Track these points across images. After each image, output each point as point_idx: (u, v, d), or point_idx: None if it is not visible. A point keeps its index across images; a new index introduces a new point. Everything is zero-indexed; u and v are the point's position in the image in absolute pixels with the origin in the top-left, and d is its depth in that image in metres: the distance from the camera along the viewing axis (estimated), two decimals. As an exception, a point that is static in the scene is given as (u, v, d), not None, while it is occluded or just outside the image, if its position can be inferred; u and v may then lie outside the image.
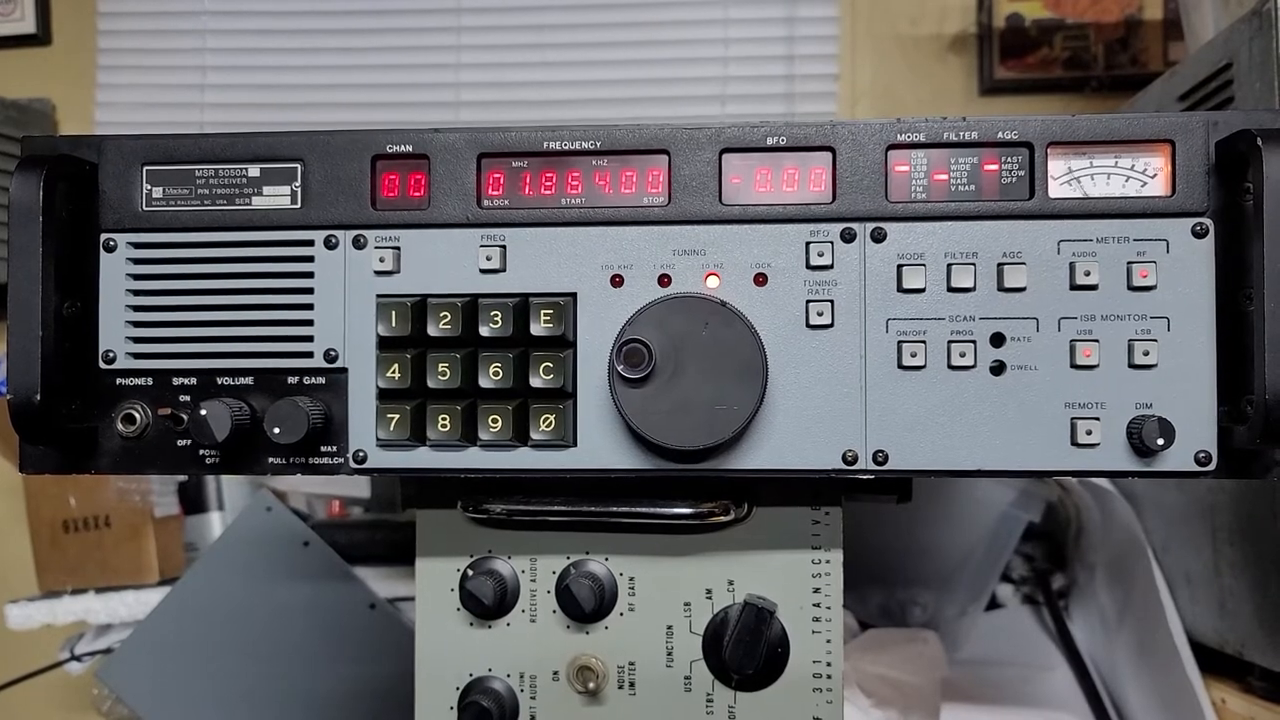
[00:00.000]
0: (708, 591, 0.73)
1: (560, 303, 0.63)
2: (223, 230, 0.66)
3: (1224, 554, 1.06)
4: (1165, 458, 0.60)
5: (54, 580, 1.42)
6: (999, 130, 0.62)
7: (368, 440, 0.64)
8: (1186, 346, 0.61)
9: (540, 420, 0.63)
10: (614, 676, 0.73)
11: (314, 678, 1.22)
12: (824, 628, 0.72)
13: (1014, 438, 0.61)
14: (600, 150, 0.64)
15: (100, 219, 0.66)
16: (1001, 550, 1.29)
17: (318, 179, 0.65)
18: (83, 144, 0.66)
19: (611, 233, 0.64)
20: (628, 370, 0.59)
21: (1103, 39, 1.84)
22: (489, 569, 0.73)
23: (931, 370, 0.62)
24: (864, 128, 0.63)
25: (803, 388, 0.62)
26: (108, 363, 0.66)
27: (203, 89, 2.00)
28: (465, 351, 0.63)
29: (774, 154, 0.64)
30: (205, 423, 0.61)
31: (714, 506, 0.69)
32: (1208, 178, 0.61)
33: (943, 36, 1.89)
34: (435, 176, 0.65)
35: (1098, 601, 1.27)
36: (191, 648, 1.24)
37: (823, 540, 0.72)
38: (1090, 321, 0.61)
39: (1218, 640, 1.08)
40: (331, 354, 0.65)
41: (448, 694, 0.74)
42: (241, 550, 1.25)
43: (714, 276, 0.63)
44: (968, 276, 0.62)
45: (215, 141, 0.66)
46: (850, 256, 0.63)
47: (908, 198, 0.63)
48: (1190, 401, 0.60)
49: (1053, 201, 0.62)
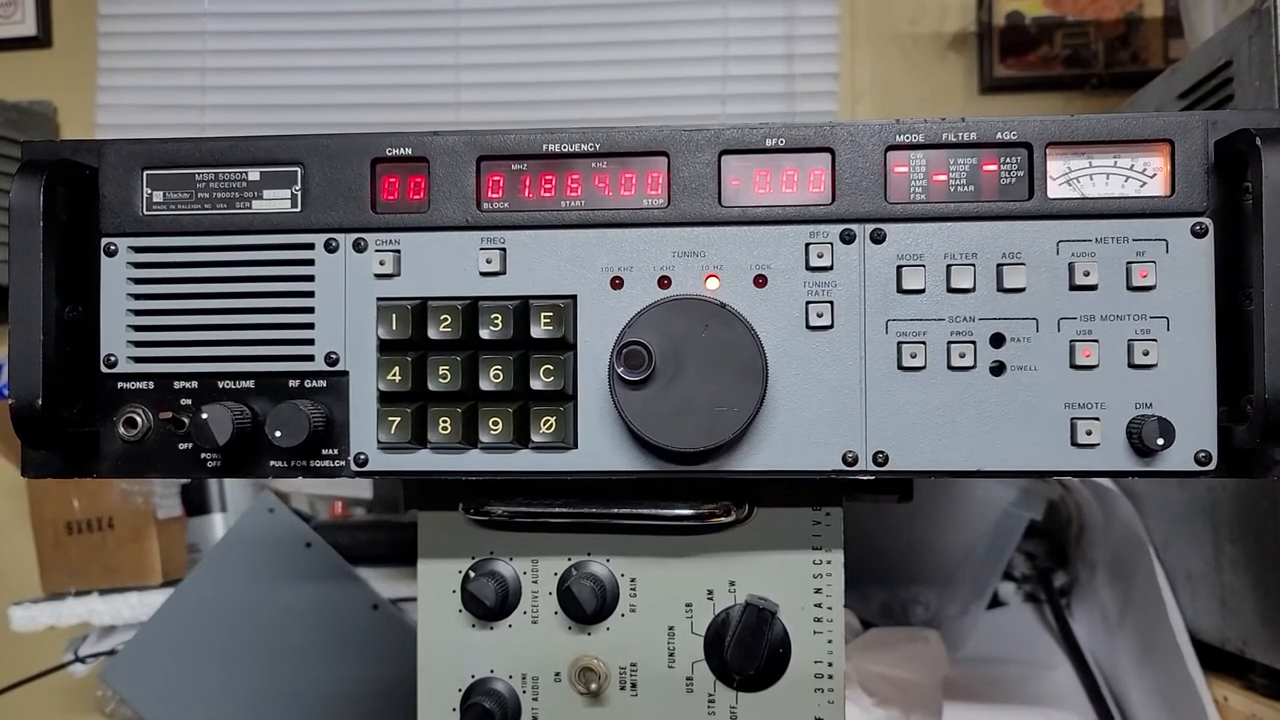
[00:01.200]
0: (709, 592, 0.73)
1: (560, 305, 0.63)
2: (223, 234, 0.66)
3: (1225, 551, 1.06)
4: (1165, 457, 0.60)
5: (57, 582, 1.42)
6: (997, 131, 0.62)
7: (369, 443, 0.64)
8: (1186, 346, 0.61)
9: (541, 422, 0.63)
10: (616, 677, 0.73)
11: (317, 678, 1.22)
12: (825, 628, 0.72)
13: (1014, 438, 0.61)
14: (600, 152, 0.64)
15: (101, 223, 0.66)
16: (1003, 548, 1.29)
17: (318, 182, 0.66)
18: (83, 148, 0.66)
19: (611, 235, 0.64)
20: (628, 372, 0.59)
21: (1103, 36, 1.84)
22: (491, 570, 0.73)
23: (931, 371, 0.62)
24: (863, 129, 0.63)
25: (803, 389, 0.62)
26: (109, 366, 0.66)
27: (203, 91, 2.00)
28: (466, 354, 0.63)
29: (773, 155, 0.64)
30: (206, 426, 0.61)
31: (715, 508, 0.69)
32: (1207, 177, 0.61)
33: (943, 35, 1.89)
34: (435, 179, 0.65)
35: (1099, 599, 1.27)
36: (195, 649, 1.24)
37: (824, 541, 0.72)
38: (1090, 322, 0.61)
39: (1219, 638, 1.08)
40: (332, 357, 0.65)
41: (450, 695, 0.74)
42: (244, 551, 1.25)
43: (714, 278, 0.63)
44: (967, 277, 0.62)
45: (215, 145, 0.66)
46: (850, 257, 0.63)
47: (907, 199, 0.63)
48: (1190, 401, 0.61)
49: (1052, 202, 0.62)
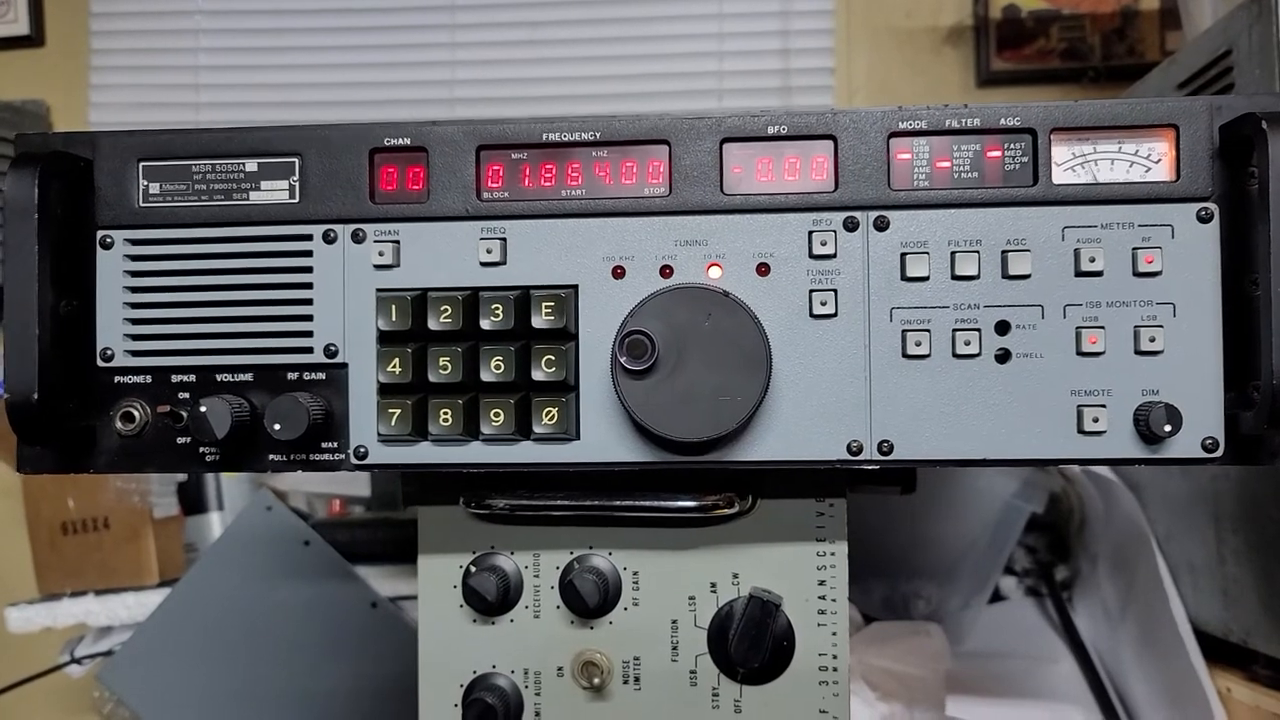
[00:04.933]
0: (712, 585, 0.72)
1: (561, 295, 0.63)
2: (221, 226, 0.65)
3: (1227, 542, 1.05)
4: (1172, 445, 0.60)
5: (53, 583, 1.42)
6: (1001, 117, 0.62)
7: (369, 436, 0.64)
8: (1193, 332, 0.60)
9: (543, 413, 0.63)
10: (619, 671, 0.73)
11: (316, 677, 1.21)
12: (829, 620, 0.72)
13: (1020, 426, 0.61)
14: (600, 141, 0.64)
15: (97, 216, 0.65)
16: (1004, 542, 1.29)
17: (315, 173, 0.65)
18: (77, 140, 0.66)
19: (612, 224, 0.63)
20: (630, 362, 0.58)
21: (1099, 29, 1.84)
22: (492, 565, 0.73)
23: (936, 359, 0.61)
24: (865, 115, 0.63)
25: (807, 378, 0.62)
26: (106, 360, 0.65)
27: (196, 88, 1.99)
28: (466, 345, 0.63)
29: (775, 143, 0.63)
30: (205, 420, 0.61)
31: (718, 499, 0.69)
32: (1212, 162, 0.61)
33: (939, 29, 1.89)
34: (434, 169, 0.65)
35: (1101, 592, 1.27)
36: (193, 649, 1.23)
37: (828, 532, 0.72)
38: (1096, 308, 0.61)
39: (1222, 629, 1.08)
40: (331, 349, 0.64)
41: (452, 691, 0.73)
42: (242, 550, 1.25)
43: (716, 267, 0.63)
44: (971, 264, 0.61)
45: (212, 136, 0.66)
46: (853, 245, 0.62)
47: (910, 185, 0.62)
48: (1197, 388, 0.60)
49: (1056, 188, 0.62)
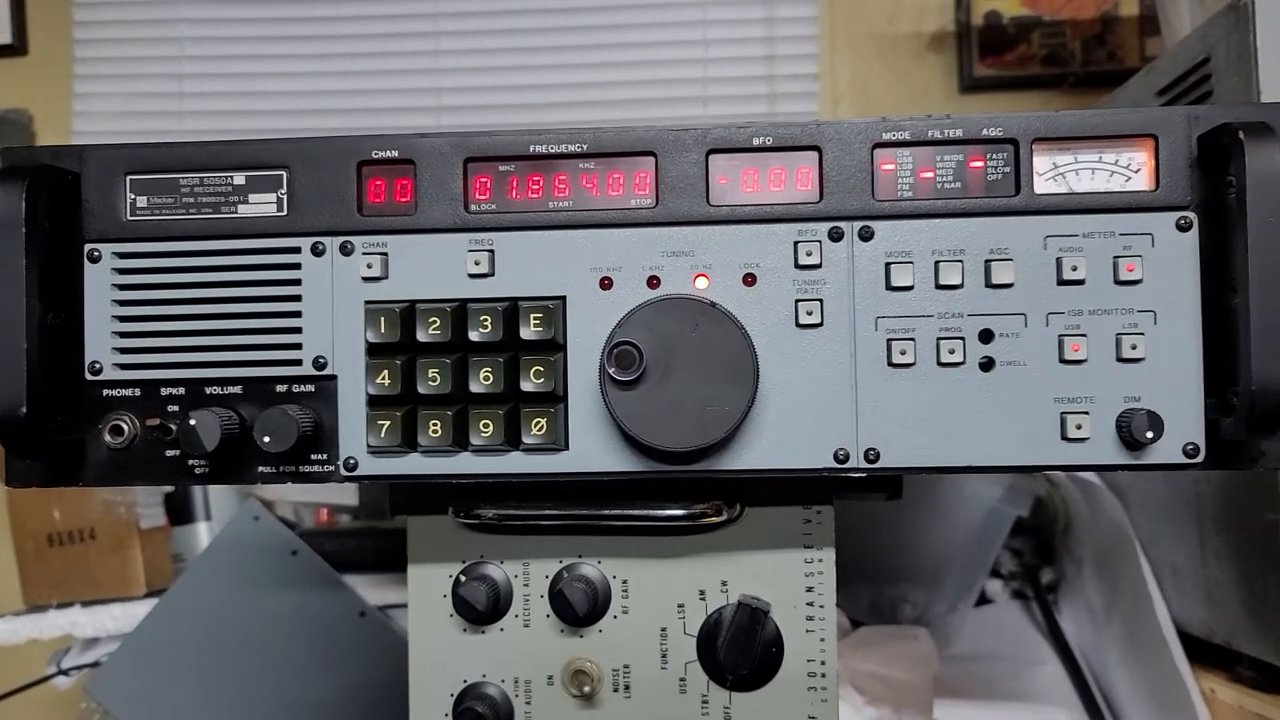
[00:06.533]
0: (701, 593, 0.73)
1: (550, 306, 0.63)
2: (208, 239, 0.65)
3: (1211, 545, 1.06)
4: (1154, 450, 0.61)
5: (39, 594, 1.41)
6: (983, 127, 0.63)
7: (358, 447, 0.64)
8: (1173, 339, 0.61)
9: (532, 424, 0.63)
10: (609, 680, 0.73)
11: (305, 687, 1.21)
12: (818, 626, 0.72)
13: (1005, 433, 0.62)
14: (587, 153, 0.64)
15: (84, 229, 0.65)
16: (990, 546, 1.29)
17: (303, 186, 0.65)
18: (64, 154, 0.66)
19: (600, 235, 0.64)
20: (618, 372, 0.58)
21: (1080, 35, 1.85)
22: (481, 574, 0.73)
23: (921, 367, 0.62)
24: (849, 127, 0.63)
25: (793, 387, 0.62)
26: (94, 374, 0.65)
27: (181, 97, 1.99)
28: (455, 357, 0.63)
29: (760, 154, 0.64)
30: (194, 432, 0.61)
31: (706, 507, 0.69)
32: (1190, 171, 0.62)
33: (921, 35, 1.90)
34: (421, 181, 0.65)
35: (1086, 595, 1.28)
36: (180, 659, 1.23)
37: (815, 539, 0.72)
38: (1078, 316, 0.61)
39: (1205, 630, 1.09)
40: (320, 361, 0.64)
41: (442, 701, 0.74)
42: (229, 560, 1.24)
43: (703, 277, 0.63)
44: (955, 273, 0.62)
45: (200, 150, 0.66)
46: (838, 255, 0.63)
47: (894, 196, 0.63)
48: (1178, 394, 0.61)
49: (1038, 197, 0.62)
